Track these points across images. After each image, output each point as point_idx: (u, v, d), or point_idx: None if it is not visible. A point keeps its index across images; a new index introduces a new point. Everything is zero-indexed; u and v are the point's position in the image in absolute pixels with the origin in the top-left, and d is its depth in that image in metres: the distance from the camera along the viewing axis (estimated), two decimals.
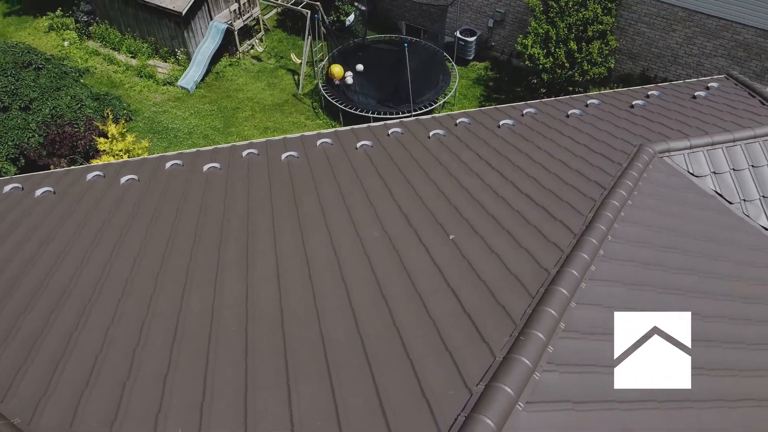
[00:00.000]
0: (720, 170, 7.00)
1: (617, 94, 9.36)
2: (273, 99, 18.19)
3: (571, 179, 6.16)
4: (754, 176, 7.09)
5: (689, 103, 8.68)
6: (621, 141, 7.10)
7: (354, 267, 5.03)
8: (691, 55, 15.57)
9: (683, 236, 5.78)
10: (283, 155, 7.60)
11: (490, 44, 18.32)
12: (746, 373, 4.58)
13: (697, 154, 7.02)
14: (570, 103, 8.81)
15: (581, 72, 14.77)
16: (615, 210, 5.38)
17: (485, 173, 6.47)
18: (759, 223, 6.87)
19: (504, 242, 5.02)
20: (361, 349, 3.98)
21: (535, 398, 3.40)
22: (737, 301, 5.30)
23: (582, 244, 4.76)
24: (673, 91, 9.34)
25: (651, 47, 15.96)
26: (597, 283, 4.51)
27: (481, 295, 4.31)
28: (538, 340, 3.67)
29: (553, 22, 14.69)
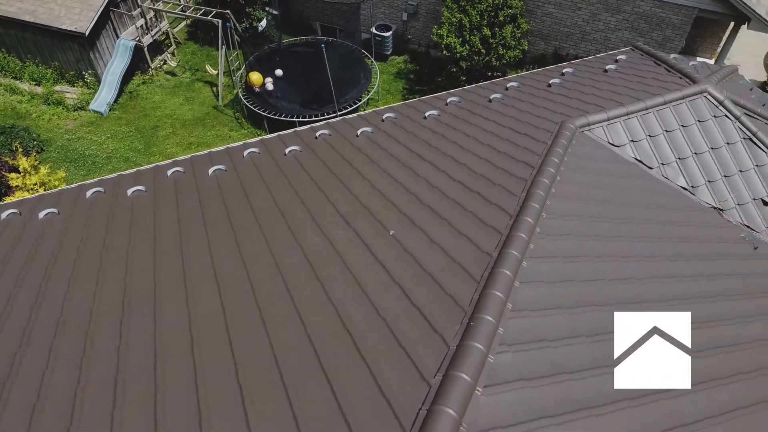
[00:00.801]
0: (637, 138, 7.32)
1: (534, 74, 9.63)
2: (193, 113, 17.68)
3: (500, 162, 6.28)
4: (669, 140, 7.45)
5: (602, 77, 9.03)
6: (543, 120, 7.31)
7: (297, 274, 4.95)
8: (597, 30, 16.23)
9: (612, 205, 6.00)
10: (210, 170, 7.38)
11: (407, 37, 18.47)
12: None
13: (615, 125, 7.31)
14: (491, 88, 8.99)
15: (498, 56, 15.12)
16: (545, 187, 5.52)
17: (417, 165, 6.51)
18: (678, 183, 7.23)
19: (444, 231, 5.06)
20: (314, 356, 3.92)
21: (492, 381, 3.43)
22: (666, 260, 5.56)
23: (519, 224, 4.85)
24: (585, 67, 9.69)
25: (560, 27, 16.53)
26: (537, 260, 4.62)
27: (428, 286, 4.32)
28: (488, 324, 3.72)
29: (465, 10, 14.96)
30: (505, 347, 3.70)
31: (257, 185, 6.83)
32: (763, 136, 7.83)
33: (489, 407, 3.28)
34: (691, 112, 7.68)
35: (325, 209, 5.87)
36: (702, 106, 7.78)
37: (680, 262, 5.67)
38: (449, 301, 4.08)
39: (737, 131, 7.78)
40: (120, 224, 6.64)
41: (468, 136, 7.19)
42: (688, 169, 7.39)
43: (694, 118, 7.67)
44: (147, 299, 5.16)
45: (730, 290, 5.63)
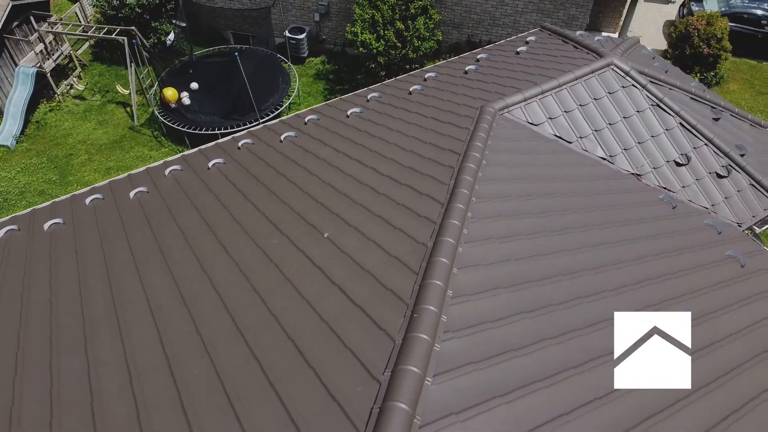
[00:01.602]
0: (554, 115, 7.55)
1: (450, 63, 9.77)
2: (108, 137, 16.94)
3: (427, 152, 6.32)
4: (584, 114, 7.73)
5: (515, 59, 9.26)
6: (463, 106, 7.41)
7: (233, 290, 4.81)
8: (506, 15, 16.66)
9: (537, 181, 6.15)
10: (131, 193, 7.07)
11: (322, 38, 18.37)
12: (610, 289, 4.99)
13: (532, 105, 7.50)
14: (410, 80, 9.05)
15: (414, 49, 15.26)
16: (473, 172, 5.60)
17: (344, 165, 6.46)
18: (597, 154, 7.51)
19: (378, 227, 5.04)
20: (260, 372, 3.81)
21: (441, 369, 3.45)
22: (595, 229, 5.75)
23: (450, 211, 4.89)
24: (498, 51, 9.92)
25: (471, 14, 16.86)
26: (472, 244, 4.67)
27: (368, 284, 4.29)
28: (431, 314, 3.73)
29: (376, 5, 15.01)
30: (450, 334, 3.72)
31: (182, 203, 6.60)
32: (670, 101, 8.24)
33: (441, 396, 3.29)
34: (601, 85, 7.99)
35: (256, 219, 5.74)
36: (610, 78, 8.11)
37: (608, 229, 5.88)
38: (390, 296, 4.06)
39: (645, 99, 8.15)
40: (39, 261, 6.26)
41: (392, 130, 7.21)
42: (605, 140, 7.68)
43: (605, 90, 7.99)
44: (76, 336, 4.88)
45: (657, 250, 5.89)
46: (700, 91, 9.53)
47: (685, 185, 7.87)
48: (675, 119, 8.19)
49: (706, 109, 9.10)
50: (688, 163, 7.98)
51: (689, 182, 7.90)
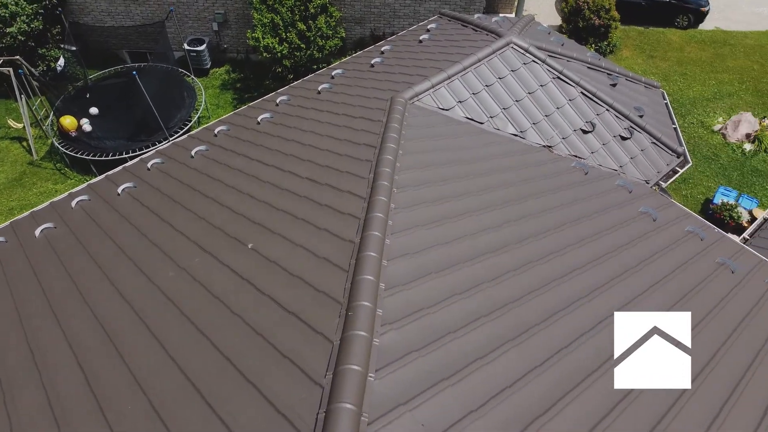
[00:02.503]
0: (463, 98, 7.68)
1: (355, 58, 9.75)
2: (6, 176, 15.85)
3: (343, 149, 6.28)
4: (491, 94, 7.91)
5: (418, 47, 9.36)
6: (374, 99, 7.42)
7: (160, 317, 4.59)
8: (406, 6, 16.83)
9: (455, 164, 6.24)
10: (36, 231, 6.62)
11: (223, 47, 17.90)
12: (536, 259, 5.14)
13: (440, 90, 7.60)
14: (317, 80, 8.97)
15: (318, 48, 15.13)
16: (391, 164, 5.60)
17: (261, 172, 6.32)
18: (508, 131, 7.71)
19: (303, 231, 4.95)
20: (200, 398, 3.65)
21: (383, 363, 3.42)
22: (515, 203, 5.90)
23: (373, 204, 4.87)
24: (401, 41, 9.99)
25: (371, 8, 16.92)
26: (398, 235, 4.67)
27: (299, 289, 4.21)
28: (366, 310, 3.69)
29: (274, 9, 14.76)
30: (387, 327, 3.70)
31: (94, 235, 6.25)
32: (569, 73, 8.58)
33: (385, 389, 3.27)
34: (503, 64, 8.21)
35: (175, 240, 5.51)
36: (511, 57, 8.34)
37: (528, 202, 6.04)
38: (323, 298, 4.00)
39: (546, 73, 8.44)
40: None
41: (306, 131, 7.12)
42: (514, 117, 7.90)
43: (507, 68, 8.21)
44: None
45: (576, 215, 6.11)
46: (596, 60, 9.98)
47: (594, 151, 8.22)
48: (576, 89, 8.53)
49: (603, 76, 9.53)
50: (594, 130, 8.33)
51: (597, 147, 8.26)
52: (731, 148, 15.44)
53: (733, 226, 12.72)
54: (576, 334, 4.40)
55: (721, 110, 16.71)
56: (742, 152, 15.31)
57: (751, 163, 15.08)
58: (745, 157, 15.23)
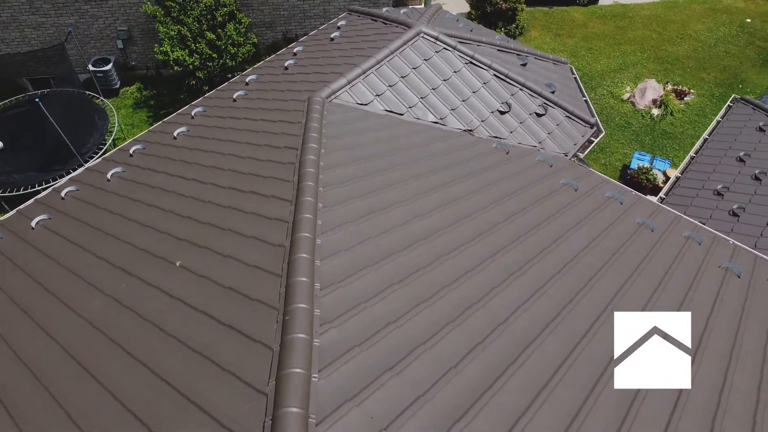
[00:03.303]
0: (380, 91, 7.71)
1: (268, 63, 9.61)
2: None
3: (264, 155, 6.18)
4: (408, 85, 7.98)
5: (331, 45, 9.33)
6: (291, 101, 7.34)
7: (91, 349, 4.37)
8: (315, 6, 16.75)
9: (380, 158, 6.26)
10: None
11: (131, 64, 17.26)
12: (467, 240, 5.23)
13: (357, 86, 7.61)
14: (231, 88, 8.79)
15: (231, 56, 14.84)
16: (314, 164, 5.56)
17: (182, 187, 6.13)
18: (428, 119, 7.80)
19: (231, 241, 4.84)
20: (138, 422, 3.50)
21: (326, 362, 3.39)
22: (443, 188, 5.97)
23: (300, 206, 4.82)
24: (313, 41, 9.93)
25: (280, 11, 16.73)
26: (329, 233, 4.65)
27: (233, 301, 4.11)
28: (303, 312, 3.65)
29: (180, 20, 14.36)
30: (327, 326, 3.68)
31: (10, 274, 5.89)
32: (480, 57, 8.77)
33: (331, 388, 3.24)
34: (416, 54, 8.30)
35: (98, 268, 5.26)
36: (423, 46, 8.44)
37: (454, 186, 6.14)
38: (259, 306, 3.92)
39: (458, 59, 8.60)
40: None
41: (224, 141, 6.96)
42: (432, 105, 8.00)
43: (420, 58, 8.30)
44: None
45: (502, 194, 6.27)
46: (505, 42, 10.25)
47: (512, 130, 8.44)
48: (489, 72, 8.73)
49: (513, 57, 9.80)
50: (510, 110, 8.55)
51: (515, 126, 8.49)
52: (641, 115, 16.24)
53: (651, 188, 13.39)
54: (513, 307, 4.52)
55: (628, 80, 17.54)
56: (651, 117, 16.13)
57: (660, 127, 15.92)
58: (654, 121, 16.05)
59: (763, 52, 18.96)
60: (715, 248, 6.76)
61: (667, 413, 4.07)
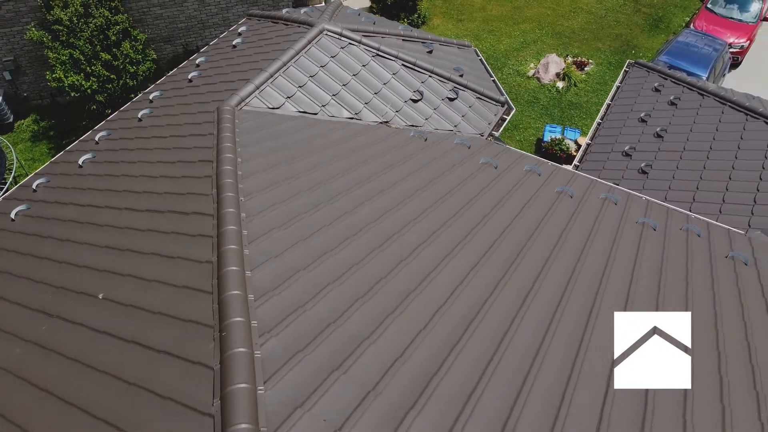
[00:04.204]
0: (290, 93, 7.60)
1: (170, 77, 9.29)
2: None
3: (179, 171, 5.97)
4: (317, 83, 7.90)
5: (234, 53, 9.11)
6: (200, 114, 7.12)
7: (17, 400, 4.06)
8: (213, 15, 16.31)
9: (298, 160, 6.17)
10: None
11: (23, 95, 16.22)
12: (398, 230, 5.25)
13: (266, 90, 7.46)
14: (135, 107, 8.42)
15: (131, 75, 14.23)
16: (232, 174, 5.41)
17: (96, 217, 5.82)
18: (343, 116, 7.76)
19: (155, 265, 4.64)
20: None
21: (270, 373, 3.31)
22: (364, 184, 5.97)
23: (223, 219, 4.68)
24: (214, 50, 9.66)
25: (177, 24, 16.19)
26: (257, 242, 4.54)
27: (165, 325, 3.94)
28: (239, 326, 3.54)
29: (70, 44, 13.61)
30: (266, 336, 3.58)
31: None
32: (387, 48, 8.81)
33: (279, 398, 3.16)
34: (321, 52, 8.23)
35: (13, 312, 4.91)
36: (328, 43, 8.39)
37: (378, 179, 6.14)
38: (193, 326, 3.78)
39: (365, 52, 8.60)
40: None
41: (135, 162, 6.67)
42: (345, 101, 7.97)
43: (327, 55, 8.25)
44: None
45: (425, 181, 6.34)
46: (409, 31, 10.36)
47: (427, 117, 8.54)
48: (397, 62, 8.79)
49: (418, 45, 9.91)
50: (422, 98, 8.65)
51: (429, 113, 8.59)
52: (547, 89, 16.85)
53: (565, 157, 13.93)
54: (450, 290, 4.57)
55: (531, 56, 18.16)
56: (557, 90, 16.78)
57: (566, 98, 16.59)
58: (560, 94, 16.71)
59: (649, 18, 20.12)
60: (631, 206, 7.11)
61: (606, 369, 4.24)
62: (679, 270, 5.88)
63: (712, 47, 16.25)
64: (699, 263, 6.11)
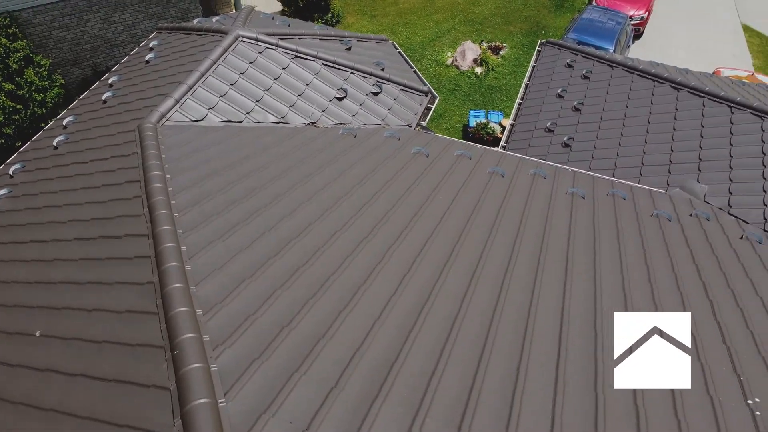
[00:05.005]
0: (212, 104, 7.44)
1: (83, 100, 8.90)
2: None
3: (106, 195, 5.74)
4: (239, 91, 7.77)
5: (148, 68, 8.83)
6: (120, 134, 6.87)
7: None
8: (120, 32, 15.74)
9: (229, 170, 6.06)
10: None
11: None
12: (340, 228, 5.27)
13: (187, 103, 7.28)
14: (48, 135, 8.01)
15: (39, 104, 13.54)
16: (163, 191, 5.26)
17: (21, 252, 5.53)
18: (269, 121, 7.68)
19: (93, 294, 4.46)
20: None
21: (229, 384, 3.26)
22: (300, 186, 5.94)
23: (159, 237, 4.55)
24: (127, 68, 9.33)
25: (82, 45, 15.51)
26: (198, 257, 4.44)
27: (112, 353, 3.79)
28: (191, 341, 3.46)
29: None
30: (220, 348, 3.52)
31: None
32: (305, 49, 8.77)
33: (241, 408, 3.12)
34: (239, 59, 8.11)
35: None
36: (244, 50, 8.27)
37: (312, 180, 6.13)
38: (142, 350, 3.66)
39: (283, 55, 8.54)
40: None
41: (56, 191, 6.36)
42: (270, 106, 7.88)
43: (245, 62, 8.13)
44: None
45: (360, 176, 6.36)
46: (325, 30, 10.35)
47: (354, 114, 8.56)
48: (317, 62, 8.77)
49: (336, 44, 9.92)
50: (347, 95, 8.67)
51: (355, 110, 8.62)
52: (467, 76, 17.23)
53: (491, 140, 14.30)
54: (398, 279, 4.63)
55: (447, 45, 18.51)
56: (476, 76, 17.18)
57: (486, 83, 17.02)
58: (480, 79, 17.12)
59: None
60: (559, 178, 7.39)
61: (557, 328, 4.41)
62: (611, 232, 6.17)
63: (615, 21, 17.08)
64: (627, 224, 6.43)
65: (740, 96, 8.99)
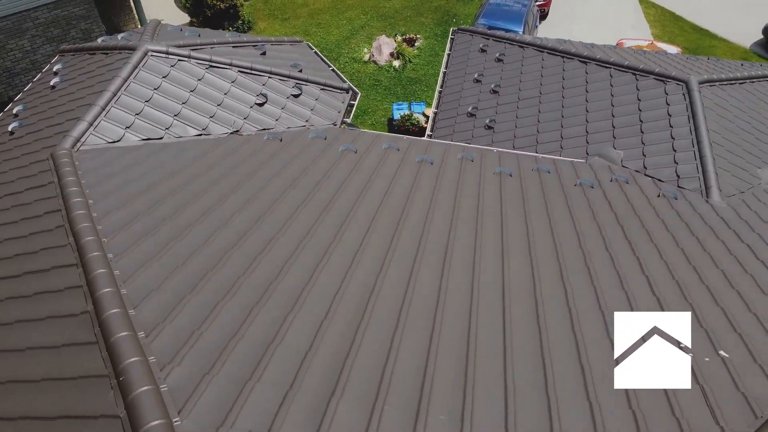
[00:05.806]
0: (128, 123, 7.20)
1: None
2: None
3: (26, 229, 5.46)
4: (155, 107, 7.54)
5: (54, 94, 8.43)
6: (33, 165, 6.54)
7: None
8: (18, 60, 14.95)
9: (154, 188, 5.89)
10: None
11: None
12: (283, 235, 5.24)
13: (101, 125, 7.02)
14: None
15: None
16: (86, 217, 5.07)
17: None
18: (191, 134, 7.50)
19: (25, 332, 4.23)
20: None
21: (181, 403, 3.19)
22: (231, 196, 5.85)
23: (89, 264, 4.38)
24: (32, 95, 8.87)
25: None
26: (132, 279, 4.31)
27: (55, 391, 3.62)
28: (136, 365, 3.36)
29: None
30: (168, 368, 3.43)
31: None
32: (219, 58, 8.62)
33: (197, 424, 3.06)
34: (151, 74, 7.87)
35: None
36: (156, 64, 8.04)
37: (242, 187, 6.04)
38: (87, 382, 3.52)
39: (197, 66, 8.36)
40: None
41: None
42: (190, 119, 7.70)
43: (158, 76, 7.90)
44: None
45: (289, 179, 6.33)
46: (237, 37, 10.19)
47: (277, 118, 8.49)
48: (232, 70, 8.64)
49: (250, 49, 9.80)
50: (267, 100, 8.58)
51: (278, 114, 8.55)
52: (385, 70, 17.38)
53: (417, 130, 14.50)
54: (342, 275, 4.66)
55: (363, 42, 18.60)
56: (395, 70, 17.36)
57: (405, 75, 17.22)
58: (398, 72, 17.31)
59: None
60: (485, 160, 7.60)
61: (499, 303, 4.55)
62: (540, 205, 6.41)
63: (521, 4, 17.65)
64: (554, 195, 6.70)
65: (643, 63, 9.50)
